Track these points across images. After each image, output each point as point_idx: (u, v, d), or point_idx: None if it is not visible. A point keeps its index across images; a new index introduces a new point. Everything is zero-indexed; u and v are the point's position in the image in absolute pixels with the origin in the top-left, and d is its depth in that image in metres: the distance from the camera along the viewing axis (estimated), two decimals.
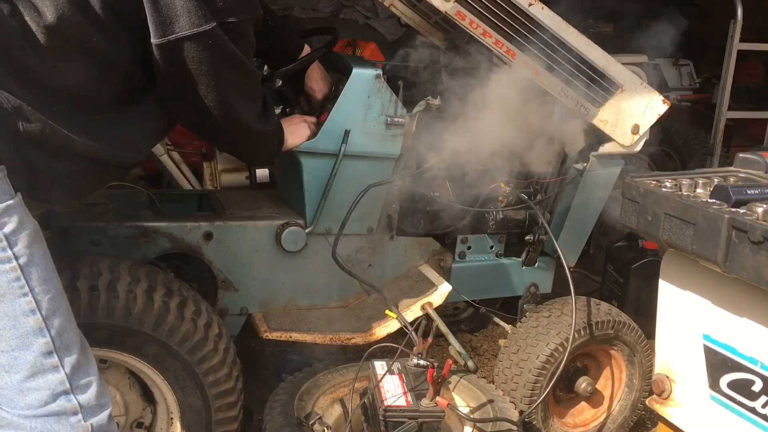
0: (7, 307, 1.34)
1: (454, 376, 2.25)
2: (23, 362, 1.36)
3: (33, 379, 1.37)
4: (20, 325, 1.35)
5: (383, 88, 2.20)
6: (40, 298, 1.36)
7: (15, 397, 1.37)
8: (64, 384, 1.40)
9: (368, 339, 2.24)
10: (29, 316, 1.35)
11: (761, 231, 1.51)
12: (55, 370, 1.39)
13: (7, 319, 1.34)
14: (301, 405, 2.03)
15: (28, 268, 1.34)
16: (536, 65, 2.22)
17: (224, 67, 1.63)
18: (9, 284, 1.33)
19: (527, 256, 2.68)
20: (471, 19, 2.13)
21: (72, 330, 1.43)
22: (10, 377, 1.36)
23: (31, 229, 1.36)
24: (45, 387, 1.38)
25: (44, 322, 1.37)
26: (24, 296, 1.34)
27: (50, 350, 1.38)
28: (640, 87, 2.34)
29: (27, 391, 1.37)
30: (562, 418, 2.56)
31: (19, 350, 1.36)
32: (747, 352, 1.75)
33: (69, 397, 1.41)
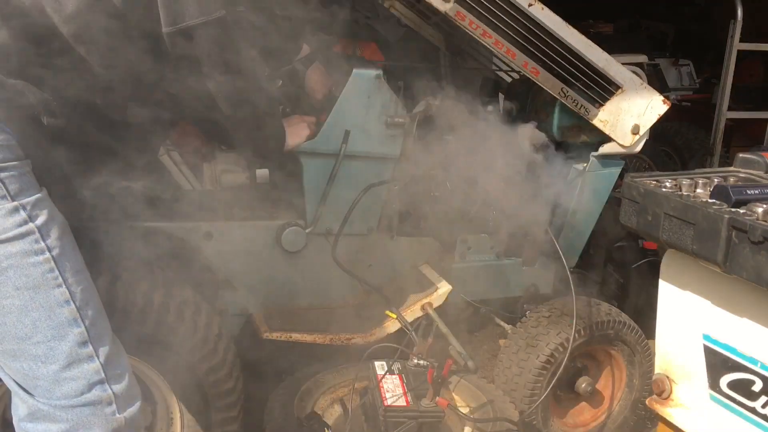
0: (42, 298, 1.36)
1: (454, 376, 2.25)
2: (59, 352, 1.38)
3: (69, 369, 1.39)
4: (55, 316, 1.37)
5: (383, 89, 2.20)
6: (73, 289, 1.39)
7: (51, 387, 1.39)
8: (99, 373, 1.42)
9: (368, 339, 2.24)
10: (64, 306, 1.38)
11: (761, 231, 1.51)
12: (90, 359, 1.41)
13: (43, 310, 1.36)
14: (301, 405, 2.03)
15: (60, 260, 1.37)
16: (536, 65, 2.22)
17: (233, 55, 1.64)
18: (43, 276, 1.35)
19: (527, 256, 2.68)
20: (471, 20, 2.12)
21: (104, 320, 1.47)
22: (47, 368, 1.38)
23: (61, 221, 1.39)
24: (81, 377, 1.40)
25: (78, 312, 1.39)
26: (58, 287, 1.37)
27: (85, 340, 1.41)
28: (640, 87, 2.34)
29: (63, 381, 1.39)
30: (563, 418, 2.56)
31: (55, 340, 1.38)
32: (747, 352, 1.75)
33: (104, 386, 1.43)
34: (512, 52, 2.19)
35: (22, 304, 1.35)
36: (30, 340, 1.36)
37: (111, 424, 1.43)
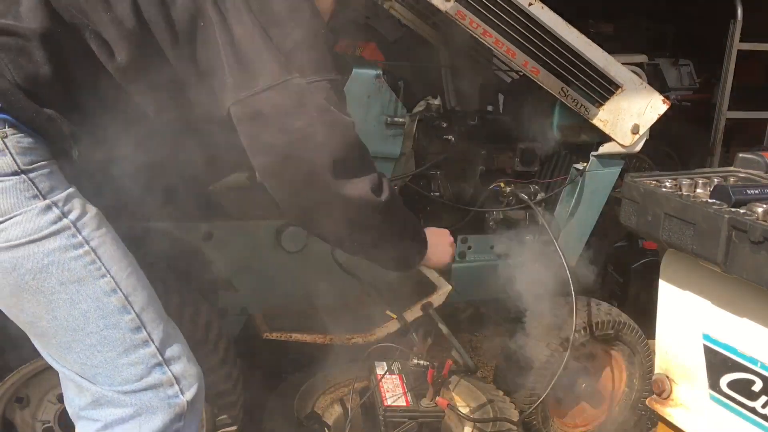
0: (88, 290, 1.37)
1: (454, 376, 2.25)
2: (113, 340, 1.40)
3: (126, 355, 1.41)
4: (104, 306, 1.39)
5: (383, 88, 2.20)
6: (118, 278, 1.40)
7: (111, 374, 1.42)
8: (156, 357, 1.44)
9: (368, 339, 2.24)
10: (111, 295, 1.39)
11: (761, 231, 1.51)
12: (145, 344, 1.43)
13: (90, 301, 1.38)
14: (301, 405, 2.03)
15: (100, 250, 1.38)
16: (536, 64, 2.22)
17: (312, 121, 1.48)
18: (86, 268, 1.37)
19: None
20: (471, 19, 2.12)
21: (155, 304, 1.48)
22: (103, 355, 1.40)
23: (94, 212, 1.40)
24: (139, 361, 1.42)
25: (126, 299, 1.41)
26: (102, 277, 1.38)
27: (138, 326, 1.42)
28: (640, 87, 2.34)
29: (122, 367, 1.41)
30: (562, 418, 2.56)
31: (108, 329, 1.39)
32: (747, 352, 1.75)
33: (163, 369, 1.45)
34: (512, 51, 2.19)
35: (69, 297, 1.37)
36: (83, 330, 1.39)
37: (174, 407, 1.45)
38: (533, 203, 2.46)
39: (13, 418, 1.93)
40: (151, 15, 1.42)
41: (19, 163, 1.31)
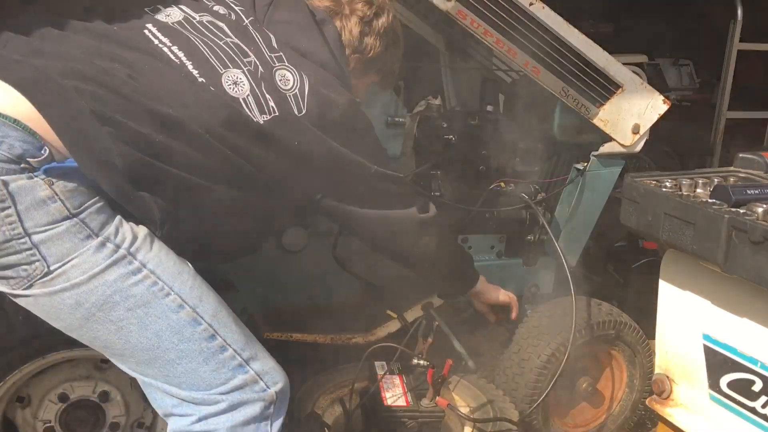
0: (156, 310, 1.41)
1: (454, 376, 2.25)
2: (190, 352, 1.45)
3: (206, 363, 1.46)
4: (174, 323, 1.43)
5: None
6: (182, 292, 1.44)
7: (196, 382, 1.47)
8: (235, 359, 1.50)
9: (368, 339, 2.24)
10: (179, 311, 1.43)
11: (761, 231, 1.51)
12: (222, 349, 1.48)
13: (160, 321, 1.42)
14: (301, 405, 2.03)
15: (159, 270, 1.42)
16: (537, 64, 2.22)
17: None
18: (149, 290, 1.41)
19: (527, 256, 2.68)
20: (472, 19, 2.12)
21: (224, 309, 1.52)
22: (184, 367, 1.45)
23: (144, 234, 1.43)
24: (220, 367, 1.48)
25: (194, 311, 1.45)
26: (167, 296, 1.42)
27: (211, 334, 1.47)
28: (641, 87, 2.34)
29: (205, 374, 1.47)
30: (563, 418, 2.56)
31: (183, 343, 1.44)
32: (747, 352, 1.75)
33: (245, 368, 1.51)
34: (513, 50, 2.19)
35: (138, 321, 1.40)
36: (159, 348, 1.43)
37: (264, 399, 1.53)
38: (533, 203, 2.46)
39: (14, 418, 1.93)
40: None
41: (69, 207, 1.34)
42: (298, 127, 1.60)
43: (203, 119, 1.47)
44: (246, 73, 1.56)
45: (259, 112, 1.55)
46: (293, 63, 1.64)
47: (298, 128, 1.60)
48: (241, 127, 1.52)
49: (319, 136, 1.62)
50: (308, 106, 1.61)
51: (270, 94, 1.57)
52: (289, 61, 1.63)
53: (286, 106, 1.59)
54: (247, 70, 1.57)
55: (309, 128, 1.60)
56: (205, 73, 1.52)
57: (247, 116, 1.53)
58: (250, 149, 1.54)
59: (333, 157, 1.65)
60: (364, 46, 1.83)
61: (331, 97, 1.65)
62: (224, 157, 1.50)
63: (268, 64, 1.61)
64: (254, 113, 1.54)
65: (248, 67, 1.58)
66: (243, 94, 1.54)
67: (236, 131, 1.51)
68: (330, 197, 1.76)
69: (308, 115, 1.61)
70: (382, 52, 1.87)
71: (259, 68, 1.58)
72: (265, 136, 1.55)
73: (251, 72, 1.57)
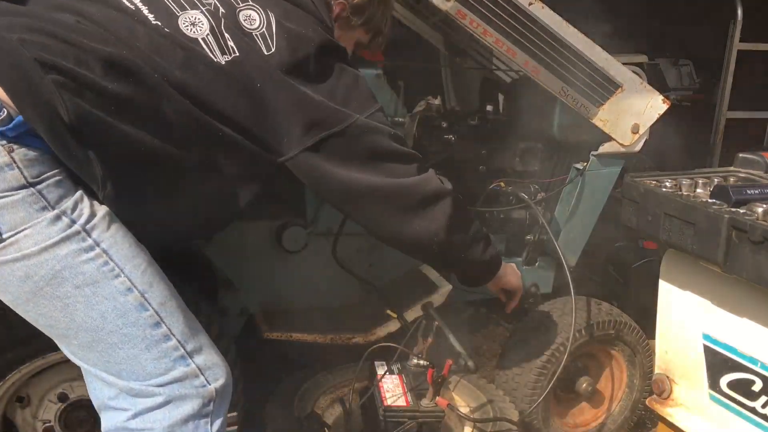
0: (103, 291, 1.38)
1: (454, 376, 2.24)
2: (134, 337, 1.41)
3: (148, 350, 1.43)
4: (121, 305, 1.40)
5: (383, 88, 2.20)
6: (133, 276, 1.41)
7: (136, 369, 1.43)
8: (178, 349, 1.46)
9: (368, 339, 2.24)
10: (127, 294, 1.40)
11: (761, 231, 1.51)
12: (166, 338, 1.44)
13: (107, 301, 1.39)
14: (301, 405, 2.03)
15: (112, 250, 1.39)
16: (536, 64, 2.22)
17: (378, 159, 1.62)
18: (99, 270, 1.38)
19: (527, 255, 2.68)
20: (472, 18, 2.12)
21: (174, 298, 1.49)
22: (125, 352, 1.42)
23: (103, 213, 1.40)
24: (162, 356, 1.44)
25: (143, 296, 1.42)
26: (117, 277, 1.39)
27: (156, 321, 1.43)
28: (640, 86, 2.34)
29: (145, 362, 1.43)
30: (563, 418, 2.56)
31: (127, 327, 1.41)
32: (747, 352, 1.75)
33: (187, 361, 1.46)
34: (513, 50, 2.19)
35: (85, 300, 1.38)
36: (102, 330, 1.40)
37: (203, 395, 1.48)
38: (533, 203, 2.46)
39: (13, 418, 1.93)
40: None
41: (26, 176, 1.32)
42: (263, 68, 1.52)
43: (157, 63, 1.42)
44: (205, 13, 1.52)
45: (220, 52, 1.49)
46: (259, 1, 1.58)
47: (263, 69, 1.52)
48: (201, 69, 1.47)
49: (284, 80, 1.52)
50: (277, 43, 1.54)
51: (230, 34, 1.52)
52: (254, 0, 1.57)
53: (251, 46, 1.52)
54: (206, 10, 1.52)
55: (275, 70, 1.52)
56: (160, 16, 1.48)
57: (205, 56, 1.48)
58: (210, 95, 1.47)
59: (300, 100, 1.54)
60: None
61: (301, 32, 1.57)
62: (182, 110, 1.44)
63: (230, 4, 1.56)
64: (215, 53, 1.49)
65: (208, 7, 1.53)
66: (202, 34, 1.49)
67: (195, 74, 1.46)
68: (301, 153, 1.58)
69: (278, 54, 1.53)
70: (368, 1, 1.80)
71: (220, 9, 1.54)
72: (227, 77, 1.49)
73: (211, 12, 1.52)
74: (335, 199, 1.68)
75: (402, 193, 1.66)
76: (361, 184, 1.61)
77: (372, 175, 1.62)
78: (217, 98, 1.48)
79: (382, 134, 1.62)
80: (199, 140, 1.48)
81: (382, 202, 1.64)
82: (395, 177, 1.64)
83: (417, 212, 1.68)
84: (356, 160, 1.60)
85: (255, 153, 1.56)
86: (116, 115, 1.37)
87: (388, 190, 1.64)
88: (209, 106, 1.47)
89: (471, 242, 1.84)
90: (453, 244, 1.77)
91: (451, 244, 1.76)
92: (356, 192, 1.63)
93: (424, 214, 1.69)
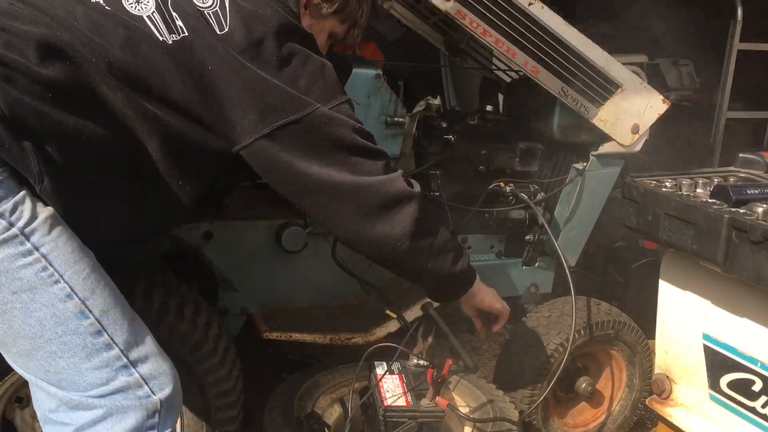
0: (42, 297, 1.33)
1: (454, 376, 2.24)
2: (73, 346, 1.36)
3: (88, 359, 1.37)
4: (60, 312, 1.34)
5: (383, 88, 2.20)
6: (73, 282, 1.35)
7: (76, 379, 1.38)
8: (120, 359, 1.40)
9: (368, 339, 2.24)
10: (66, 301, 1.35)
11: (761, 231, 1.51)
12: (108, 347, 1.38)
13: (45, 308, 1.34)
14: (301, 405, 2.03)
15: (52, 255, 1.33)
16: (536, 64, 2.22)
17: (336, 152, 1.51)
18: (37, 275, 1.32)
19: (527, 255, 2.68)
20: (471, 18, 2.13)
21: (118, 305, 1.42)
22: (65, 361, 1.36)
23: (46, 216, 1.34)
24: (103, 365, 1.38)
25: (83, 304, 1.36)
26: (56, 283, 1.34)
27: (98, 330, 1.38)
28: (640, 86, 2.34)
29: (86, 371, 1.38)
30: (563, 418, 2.56)
31: (66, 335, 1.35)
32: (747, 352, 1.75)
33: (130, 370, 1.41)
34: (513, 50, 2.19)
35: (23, 306, 1.33)
36: (41, 338, 1.35)
37: (147, 407, 1.42)
38: (533, 203, 2.46)
39: (12, 419, 1.93)
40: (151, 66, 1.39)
41: None
42: (215, 48, 1.42)
43: (96, 43, 1.34)
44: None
45: (167, 31, 1.41)
46: None
47: (215, 49, 1.42)
48: (145, 48, 1.38)
49: (238, 62, 1.43)
50: (231, 22, 1.45)
51: (178, 13, 1.43)
52: None
53: (202, 25, 1.43)
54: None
55: (228, 51, 1.43)
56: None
57: (150, 35, 1.39)
58: (154, 77, 1.38)
59: (255, 84, 1.44)
60: None
61: (258, 12, 1.48)
62: (123, 97, 1.36)
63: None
64: (161, 31, 1.40)
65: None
66: (147, 12, 1.41)
67: (137, 54, 1.37)
68: (256, 141, 1.46)
69: (232, 34, 1.44)
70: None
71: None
72: (173, 58, 1.40)
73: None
74: (292, 194, 1.54)
75: (364, 193, 1.53)
76: (320, 179, 1.49)
77: (332, 170, 1.50)
78: (161, 81, 1.39)
79: (345, 127, 1.51)
80: (142, 129, 1.40)
81: (342, 200, 1.52)
82: (358, 174, 1.52)
83: (379, 214, 1.55)
84: (316, 153, 1.48)
85: (205, 142, 1.47)
86: (51, 102, 1.30)
87: (349, 188, 1.51)
88: (153, 90, 1.39)
89: (439, 252, 1.67)
90: (418, 253, 1.62)
91: (415, 252, 1.61)
92: (314, 187, 1.50)
93: (387, 217, 1.56)
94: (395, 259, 1.63)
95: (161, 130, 1.42)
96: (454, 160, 2.49)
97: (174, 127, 1.43)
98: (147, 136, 1.41)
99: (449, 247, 1.70)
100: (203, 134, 1.46)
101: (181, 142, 1.45)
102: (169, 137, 1.43)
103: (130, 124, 1.39)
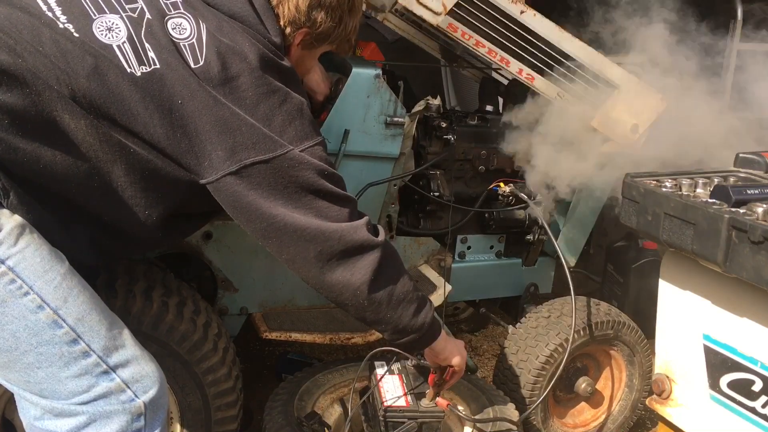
0: (12, 310, 1.32)
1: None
2: (50, 356, 1.35)
3: (67, 368, 1.36)
4: (32, 324, 1.33)
5: (383, 88, 2.20)
6: (44, 292, 1.33)
7: (56, 388, 1.37)
8: (100, 366, 1.39)
9: (368, 339, 2.24)
10: (38, 312, 1.33)
11: (761, 231, 1.51)
12: (85, 355, 1.37)
13: (18, 321, 1.32)
14: (301, 405, 2.03)
15: (20, 267, 1.31)
16: (531, 72, 2.22)
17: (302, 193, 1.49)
18: (5, 288, 1.31)
19: (527, 256, 2.68)
20: (463, 31, 2.12)
21: (94, 311, 1.40)
22: (44, 372, 1.36)
23: (12, 226, 1.32)
24: (82, 373, 1.38)
25: (55, 313, 1.35)
26: (25, 295, 1.32)
27: (73, 338, 1.36)
28: (638, 86, 2.34)
29: (66, 380, 1.37)
30: (562, 418, 2.56)
31: (42, 346, 1.34)
32: (747, 352, 1.75)
33: (111, 376, 1.40)
34: (506, 59, 2.19)
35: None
36: (17, 350, 1.34)
37: (131, 411, 1.41)
38: (533, 203, 2.46)
39: (12, 419, 1.93)
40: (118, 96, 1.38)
41: None
42: (187, 82, 1.40)
43: (61, 70, 1.32)
44: (125, 19, 1.40)
45: (137, 62, 1.38)
46: (191, 10, 1.47)
47: (187, 83, 1.40)
48: (112, 78, 1.36)
49: (211, 96, 1.41)
50: (206, 56, 1.42)
51: (151, 44, 1.40)
52: (185, 8, 1.47)
53: (176, 57, 1.41)
54: (126, 15, 1.41)
55: (201, 85, 1.41)
56: (73, 18, 1.37)
57: (118, 65, 1.36)
58: (118, 108, 1.36)
59: (226, 120, 1.42)
60: (312, 21, 1.63)
61: (236, 47, 1.46)
62: (86, 125, 1.34)
63: (159, 11, 1.45)
64: (130, 62, 1.37)
65: (129, 13, 1.42)
66: (118, 41, 1.38)
67: (104, 84, 1.35)
68: (223, 177, 1.44)
69: (207, 67, 1.42)
70: (334, 26, 1.67)
71: (146, 14, 1.43)
72: (140, 90, 1.37)
73: (132, 18, 1.41)
74: (256, 233, 1.53)
75: (326, 238, 1.51)
76: (284, 221, 1.48)
77: (297, 213, 1.49)
78: (127, 112, 1.38)
79: (314, 171, 1.49)
80: (107, 156, 1.39)
81: (305, 243, 1.51)
82: (322, 219, 1.51)
83: (340, 261, 1.54)
84: (282, 195, 1.47)
85: (172, 173, 1.45)
86: (7, 128, 1.28)
87: (313, 232, 1.50)
88: (118, 120, 1.37)
89: (398, 303, 1.63)
90: (376, 303, 1.60)
91: (374, 302, 1.59)
92: (278, 228, 1.49)
93: (347, 264, 1.54)
94: (354, 307, 1.61)
95: (126, 157, 1.41)
96: (454, 160, 2.49)
97: (139, 155, 1.42)
98: (111, 163, 1.41)
99: (410, 298, 1.66)
100: (170, 165, 1.45)
101: (147, 170, 1.44)
102: (134, 163, 1.42)
103: (93, 153, 1.38)
